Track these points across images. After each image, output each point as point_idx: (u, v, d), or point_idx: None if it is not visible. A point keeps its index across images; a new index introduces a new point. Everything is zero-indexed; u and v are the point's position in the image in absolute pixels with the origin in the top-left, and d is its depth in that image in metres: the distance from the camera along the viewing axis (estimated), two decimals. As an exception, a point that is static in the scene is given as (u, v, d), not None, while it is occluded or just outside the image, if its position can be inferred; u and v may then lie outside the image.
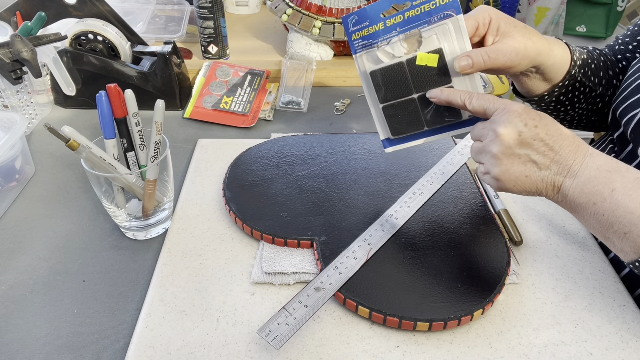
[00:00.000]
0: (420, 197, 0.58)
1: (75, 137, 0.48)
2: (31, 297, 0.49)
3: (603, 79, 0.61)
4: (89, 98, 0.81)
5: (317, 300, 0.45)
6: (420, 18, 0.48)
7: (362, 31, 0.50)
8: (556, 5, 1.47)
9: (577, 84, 0.59)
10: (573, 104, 0.61)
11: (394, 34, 0.49)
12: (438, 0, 0.47)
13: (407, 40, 0.48)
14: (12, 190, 0.62)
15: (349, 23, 0.50)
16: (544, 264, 0.52)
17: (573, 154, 0.42)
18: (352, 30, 0.50)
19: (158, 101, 0.51)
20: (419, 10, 0.47)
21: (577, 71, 0.58)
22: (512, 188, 0.44)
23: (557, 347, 0.44)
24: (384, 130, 0.54)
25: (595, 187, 0.41)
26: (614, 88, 0.62)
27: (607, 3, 1.44)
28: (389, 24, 0.49)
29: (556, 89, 0.58)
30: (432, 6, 0.47)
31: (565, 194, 0.43)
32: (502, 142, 0.43)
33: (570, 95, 0.59)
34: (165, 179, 0.55)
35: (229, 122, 0.78)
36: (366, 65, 0.51)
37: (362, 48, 0.50)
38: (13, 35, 0.64)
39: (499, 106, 0.45)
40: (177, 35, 1.01)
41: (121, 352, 0.44)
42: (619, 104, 0.56)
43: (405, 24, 0.48)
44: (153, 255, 0.54)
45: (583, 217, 0.43)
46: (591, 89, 0.60)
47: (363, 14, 0.49)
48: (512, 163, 0.43)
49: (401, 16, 0.48)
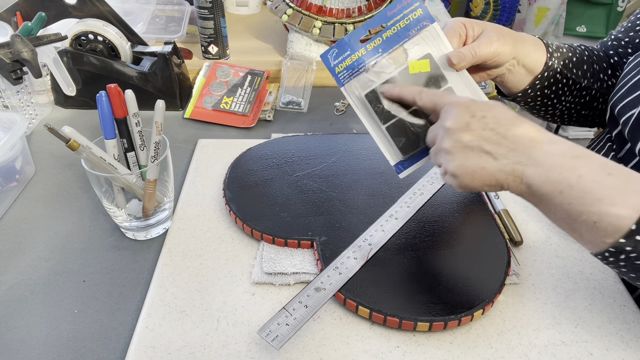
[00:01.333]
0: (420, 197, 0.58)
1: (75, 137, 0.48)
2: (31, 297, 0.49)
3: (587, 71, 0.61)
4: (89, 98, 0.81)
5: (317, 300, 0.45)
6: (399, 35, 0.49)
7: (344, 62, 0.50)
8: (556, 5, 1.47)
9: (557, 75, 0.59)
10: (559, 97, 0.61)
11: (378, 55, 0.50)
12: (410, 15, 0.49)
13: (393, 57, 0.49)
14: (12, 190, 0.62)
15: (329, 58, 0.50)
16: (544, 264, 0.52)
17: (530, 141, 0.41)
18: (334, 63, 0.50)
19: (158, 101, 0.51)
20: (395, 29, 0.49)
21: (556, 62, 0.58)
22: (470, 183, 0.42)
23: (557, 347, 0.44)
24: (393, 154, 0.52)
25: (561, 174, 0.39)
26: (600, 82, 0.62)
27: (607, 3, 1.44)
28: (370, 48, 0.49)
29: (537, 81, 0.58)
30: (406, 22, 0.49)
31: (529, 183, 0.40)
32: (450, 135, 0.42)
33: (554, 87, 0.60)
34: (165, 179, 0.55)
35: (229, 122, 0.78)
36: (357, 91, 0.50)
37: (349, 77, 0.50)
38: (13, 35, 0.64)
39: (447, 101, 0.45)
40: (177, 35, 1.01)
41: (121, 352, 0.44)
42: (616, 101, 0.56)
43: (386, 43, 0.49)
44: (153, 255, 0.54)
45: (548, 208, 0.41)
46: (574, 80, 0.60)
47: (342, 44, 0.50)
48: (465, 156, 0.42)
49: (380, 38, 0.49)
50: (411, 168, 0.51)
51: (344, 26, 0.89)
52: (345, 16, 0.89)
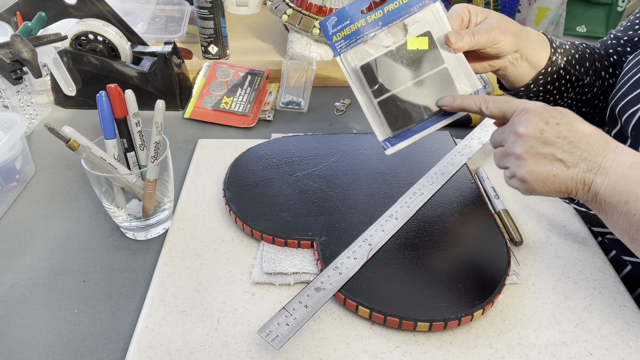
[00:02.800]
0: (420, 197, 0.58)
1: (75, 137, 0.48)
2: (31, 297, 0.49)
3: (589, 69, 0.61)
4: (89, 98, 0.81)
5: (317, 300, 0.45)
6: (400, 10, 0.49)
7: (342, 31, 0.50)
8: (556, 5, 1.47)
9: (561, 71, 0.59)
10: (561, 93, 0.61)
11: (377, 28, 0.50)
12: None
13: (392, 31, 0.49)
14: (12, 190, 0.62)
15: (327, 25, 0.50)
16: (544, 264, 0.52)
17: (602, 150, 0.41)
18: (333, 32, 0.50)
19: (158, 101, 0.51)
20: (396, 4, 0.49)
21: (559, 58, 0.58)
22: (540, 189, 0.43)
23: (557, 347, 0.44)
24: (382, 129, 0.52)
25: (628, 185, 0.40)
26: (601, 80, 0.62)
27: (607, 3, 1.44)
28: (370, 20, 0.49)
29: (540, 76, 0.58)
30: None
31: (596, 191, 0.41)
32: (524, 141, 0.42)
33: (557, 83, 0.60)
34: (165, 179, 0.55)
35: (229, 122, 0.78)
36: (353, 62, 0.50)
37: (346, 47, 0.50)
38: (13, 35, 0.64)
39: (517, 107, 0.44)
40: (177, 35, 1.01)
41: (121, 352, 0.44)
42: (617, 100, 0.55)
43: (386, 17, 0.49)
44: (153, 255, 0.54)
45: (612, 217, 0.42)
46: (577, 77, 0.60)
47: (342, 13, 0.49)
48: (537, 162, 0.42)
49: (381, 11, 0.49)
50: (399, 145, 0.51)
51: (344, 26, 0.89)
52: (345, 16, 0.89)
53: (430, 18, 0.49)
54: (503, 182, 0.63)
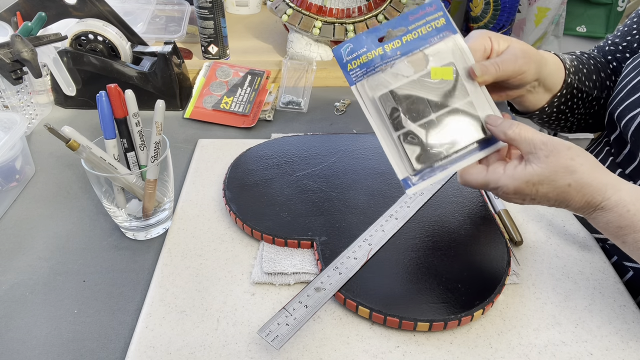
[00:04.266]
0: (420, 197, 0.58)
1: (75, 137, 0.48)
2: (31, 297, 0.49)
3: (597, 81, 0.61)
4: (89, 98, 0.81)
5: (317, 300, 0.45)
6: (419, 40, 0.46)
7: (359, 59, 0.46)
8: (556, 5, 1.47)
9: (574, 91, 0.58)
10: (572, 111, 0.61)
11: (396, 57, 0.46)
12: (433, 23, 0.46)
13: (412, 61, 0.46)
14: (12, 190, 0.62)
15: (342, 53, 0.46)
16: (544, 264, 0.52)
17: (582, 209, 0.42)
18: (347, 59, 0.46)
19: (158, 101, 0.51)
20: (416, 34, 0.46)
21: (573, 78, 0.58)
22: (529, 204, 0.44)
23: (557, 347, 0.44)
24: (402, 166, 0.46)
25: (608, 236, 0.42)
26: (607, 89, 0.62)
27: (607, 3, 1.44)
28: (388, 49, 0.46)
29: (555, 99, 0.57)
30: (428, 29, 0.46)
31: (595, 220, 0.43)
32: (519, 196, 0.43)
33: (570, 103, 0.59)
34: (165, 179, 0.55)
35: (229, 122, 0.78)
36: (371, 91, 0.46)
37: (362, 76, 0.46)
38: (13, 35, 0.64)
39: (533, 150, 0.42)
40: (177, 35, 1.01)
41: (121, 352, 0.44)
42: (615, 105, 0.55)
43: (405, 47, 0.46)
44: (153, 255, 0.54)
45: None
46: (587, 93, 0.60)
47: (358, 40, 0.46)
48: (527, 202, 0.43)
49: (399, 40, 0.46)
50: (422, 184, 0.45)
51: (344, 26, 0.89)
52: (345, 16, 0.89)
53: (452, 49, 0.46)
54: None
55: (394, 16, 0.89)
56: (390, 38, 0.46)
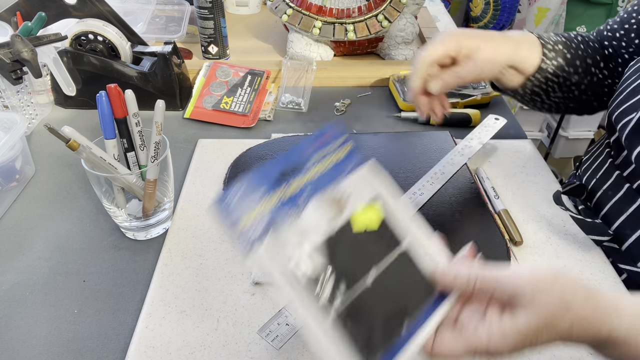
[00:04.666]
0: (420, 197, 0.58)
1: (75, 137, 0.48)
2: (31, 297, 0.49)
3: (579, 67, 0.61)
4: (89, 98, 0.81)
5: (317, 301, 0.45)
6: (331, 175, 0.35)
7: (255, 207, 0.32)
8: (556, 5, 1.47)
9: (548, 75, 0.59)
10: (547, 94, 0.62)
11: (300, 208, 0.33)
12: (342, 148, 0.36)
13: (325, 205, 0.34)
14: (12, 190, 0.62)
15: (224, 206, 0.31)
16: (544, 264, 0.52)
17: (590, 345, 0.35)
18: (237, 215, 0.31)
19: (158, 101, 0.51)
20: (322, 166, 0.35)
21: (549, 63, 0.59)
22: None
23: (557, 347, 0.44)
24: (343, 357, 0.31)
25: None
26: (590, 75, 0.62)
27: (607, 3, 1.44)
28: (291, 191, 0.33)
29: (528, 82, 0.59)
30: (338, 157, 0.36)
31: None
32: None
33: (544, 86, 0.60)
34: (165, 179, 0.55)
35: (229, 122, 0.78)
36: (280, 262, 0.32)
37: (258, 237, 0.32)
38: (13, 35, 0.64)
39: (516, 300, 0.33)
40: (177, 35, 1.01)
41: (121, 352, 0.44)
42: (614, 108, 0.55)
43: (314, 187, 0.34)
44: (153, 255, 0.54)
45: None
46: (564, 78, 0.61)
47: (255, 179, 0.32)
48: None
49: (306, 174, 0.34)
50: None
51: (344, 26, 0.89)
52: (345, 16, 0.89)
53: (370, 179, 0.36)
54: (503, 182, 0.64)
55: (394, 16, 0.89)
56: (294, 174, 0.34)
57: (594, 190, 0.58)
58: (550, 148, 1.84)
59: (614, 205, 0.54)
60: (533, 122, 1.83)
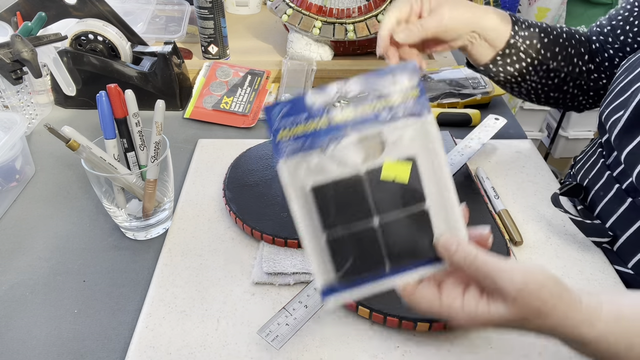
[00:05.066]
0: (420, 197, 0.58)
1: (75, 137, 0.48)
2: (31, 297, 0.49)
3: (558, 54, 0.61)
4: (89, 98, 0.81)
5: (317, 300, 0.45)
6: (379, 116, 0.35)
7: (295, 127, 0.34)
8: (556, 5, 1.47)
9: (521, 54, 0.60)
10: (523, 76, 0.62)
11: (344, 133, 0.35)
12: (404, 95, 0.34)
13: (364, 142, 0.35)
14: (12, 190, 0.62)
15: (274, 114, 0.34)
16: (544, 264, 0.52)
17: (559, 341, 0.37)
18: (279, 125, 0.34)
19: (158, 101, 0.51)
20: (376, 105, 0.35)
21: (520, 40, 0.59)
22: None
23: (557, 347, 0.44)
24: (325, 271, 0.36)
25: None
26: (572, 66, 0.62)
27: (607, 3, 1.44)
28: (336, 121, 0.34)
29: (499, 57, 0.59)
30: (393, 101, 0.35)
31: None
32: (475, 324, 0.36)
33: (517, 65, 0.60)
34: (165, 179, 0.55)
35: (229, 122, 0.78)
36: (303, 177, 0.35)
37: (294, 152, 0.35)
38: (13, 35, 0.64)
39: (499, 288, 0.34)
40: (177, 35, 1.01)
41: (121, 352, 0.44)
42: (604, 107, 0.55)
43: (359, 121, 0.35)
44: (153, 255, 0.54)
45: None
46: (540, 61, 0.61)
47: (298, 103, 0.34)
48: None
49: (352, 110, 0.34)
50: (343, 295, 0.36)
51: (344, 26, 0.89)
52: (345, 16, 0.89)
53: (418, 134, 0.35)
54: (503, 182, 0.64)
55: (394, 16, 0.88)
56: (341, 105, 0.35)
57: (587, 191, 0.58)
58: (550, 148, 1.84)
59: (605, 205, 0.54)
60: (533, 122, 1.83)
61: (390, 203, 0.36)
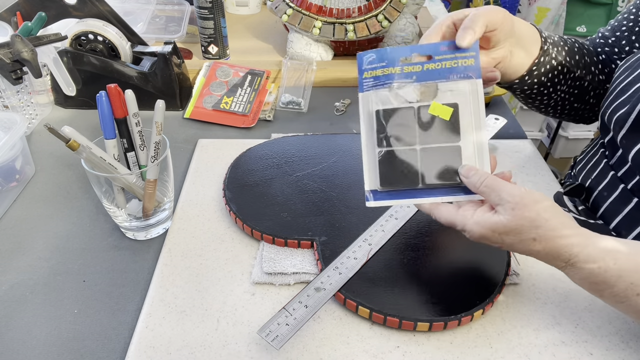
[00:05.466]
0: (420, 197, 0.58)
1: (75, 137, 0.48)
2: (31, 297, 0.49)
3: (579, 61, 0.61)
4: (89, 98, 0.81)
5: (317, 300, 0.45)
6: (439, 73, 0.45)
7: (375, 70, 0.46)
8: (556, 5, 1.47)
9: (553, 62, 0.59)
10: (554, 86, 0.61)
11: (409, 81, 0.46)
12: (461, 60, 0.45)
13: (422, 89, 0.46)
14: (12, 190, 0.62)
15: (364, 60, 0.46)
16: (544, 264, 0.52)
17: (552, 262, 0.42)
18: (366, 67, 0.46)
19: (158, 101, 0.51)
20: (439, 65, 0.45)
21: (550, 47, 0.58)
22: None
23: (557, 347, 0.44)
24: (373, 179, 0.46)
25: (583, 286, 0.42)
26: (591, 75, 0.62)
27: (607, 3, 1.45)
28: (407, 70, 0.46)
29: (534, 66, 0.58)
30: (453, 64, 0.45)
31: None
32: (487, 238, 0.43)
33: (550, 74, 0.60)
34: (165, 179, 0.55)
35: (229, 122, 0.78)
36: (372, 104, 0.46)
37: (371, 87, 0.46)
38: (13, 35, 0.64)
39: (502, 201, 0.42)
40: (177, 35, 1.01)
41: (121, 352, 0.44)
42: (606, 107, 0.55)
43: (423, 74, 0.46)
44: (153, 255, 0.54)
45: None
46: (569, 69, 0.60)
47: (381, 54, 0.46)
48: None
49: (420, 66, 0.46)
50: (383, 202, 0.46)
51: (344, 26, 0.89)
52: (345, 16, 0.89)
53: (466, 92, 0.45)
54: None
55: (394, 16, 0.89)
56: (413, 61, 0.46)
57: (590, 191, 0.58)
58: (550, 148, 1.84)
59: (609, 206, 0.54)
60: (533, 122, 1.83)
61: (432, 136, 0.45)
